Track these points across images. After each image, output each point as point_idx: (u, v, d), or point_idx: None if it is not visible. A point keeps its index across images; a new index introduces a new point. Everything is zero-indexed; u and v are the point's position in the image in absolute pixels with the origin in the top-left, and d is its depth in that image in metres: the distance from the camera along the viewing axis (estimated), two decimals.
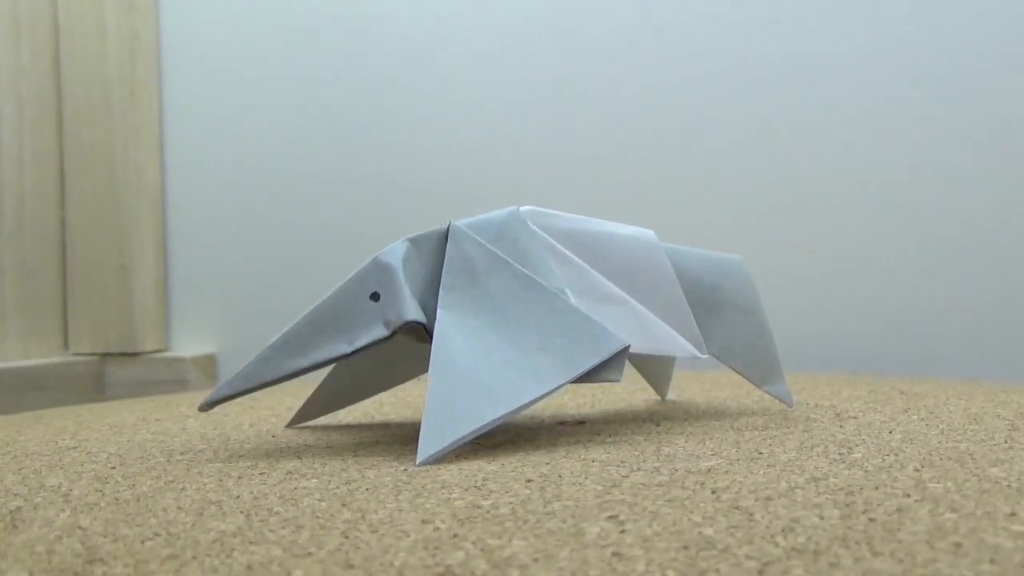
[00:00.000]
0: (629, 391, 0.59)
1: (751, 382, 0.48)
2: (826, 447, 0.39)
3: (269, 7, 0.90)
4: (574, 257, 0.44)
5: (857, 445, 0.39)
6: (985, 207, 0.72)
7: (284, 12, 0.90)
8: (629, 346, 0.41)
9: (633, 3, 0.80)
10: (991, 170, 0.72)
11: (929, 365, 0.72)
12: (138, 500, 0.34)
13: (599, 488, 0.33)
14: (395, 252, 0.41)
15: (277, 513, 0.31)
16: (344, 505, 0.32)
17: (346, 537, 0.28)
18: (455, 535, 0.28)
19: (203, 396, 0.44)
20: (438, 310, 0.40)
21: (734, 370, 0.47)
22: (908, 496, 0.30)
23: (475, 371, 0.39)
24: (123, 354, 0.89)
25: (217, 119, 0.92)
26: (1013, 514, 0.28)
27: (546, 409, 0.52)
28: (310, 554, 0.26)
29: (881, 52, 0.74)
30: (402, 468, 0.37)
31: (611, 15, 0.81)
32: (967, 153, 0.72)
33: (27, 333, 0.87)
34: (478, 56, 0.84)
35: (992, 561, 0.24)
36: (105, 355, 0.90)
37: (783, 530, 0.27)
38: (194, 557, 0.27)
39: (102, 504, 0.33)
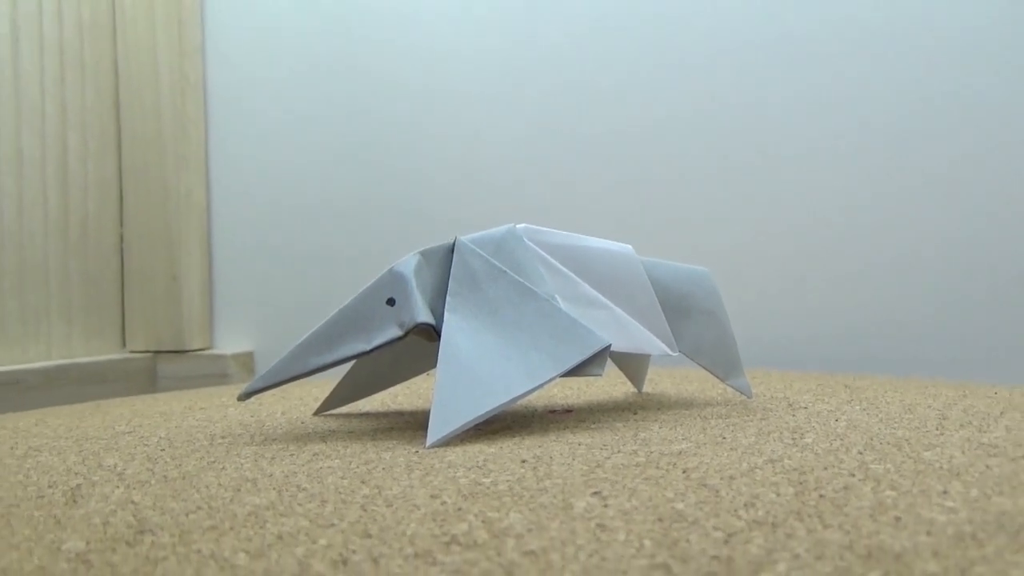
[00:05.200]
0: (611, 384, 0.59)
1: (716, 376, 0.48)
2: (781, 433, 0.39)
3: (301, 55, 0.90)
4: (563, 268, 0.44)
5: (808, 431, 0.39)
6: (925, 227, 0.72)
7: (314, 59, 0.90)
8: (610, 345, 0.41)
9: (623, 40, 0.80)
10: (938, 188, 0.72)
11: (869, 364, 0.71)
12: (184, 478, 0.33)
13: (585, 468, 0.32)
14: (408, 263, 0.41)
15: (304, 489, 0.31)
16: (363, 482, 0.31)
17: (364, 510, 0.28)
18: (459, 508, 0.27)
19: (241, 388, 0.44)
20: (445, 313, 0.40)
21: (701, 366, 0.47)
22: (853, 476, 0.30)
23: (477, 366, 0.39)
24: (173, 351, 0.89)
25: (255, 149, 0.92)
26: (945, 492, 0.28)
27: (538, 400, 0.52)
28: (333, 525, 0.26)
29: (865, 74, 0.74)
30: (414, 450, 0.37)
31: (604, 52, 0.81)
32: (922, 168, 0.72)
33: (90, 333, 0.86)
34: (479, 97, 0.84)
35: (928, 533, 0.24)
36: (157, 352, 0.89)
37: (745, 505, 0.27)
38: (232, 528, 0.26)
39: (152, 482, 0.33)
